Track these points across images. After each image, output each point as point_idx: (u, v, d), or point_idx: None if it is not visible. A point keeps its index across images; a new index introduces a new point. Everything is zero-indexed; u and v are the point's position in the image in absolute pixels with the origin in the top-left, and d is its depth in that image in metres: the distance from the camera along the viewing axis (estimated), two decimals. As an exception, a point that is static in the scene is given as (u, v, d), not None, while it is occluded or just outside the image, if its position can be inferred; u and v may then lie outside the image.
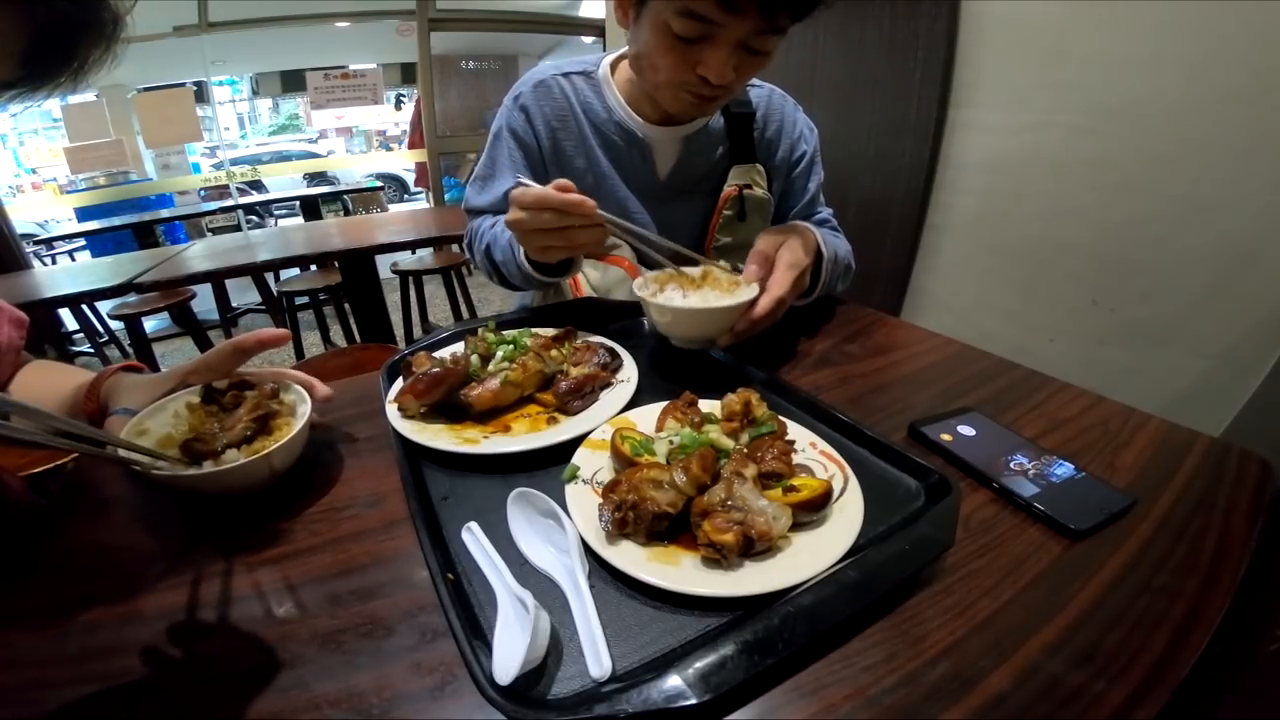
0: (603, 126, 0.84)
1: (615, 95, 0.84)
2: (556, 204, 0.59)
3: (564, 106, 0.85)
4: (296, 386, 0.55)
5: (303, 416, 0.50)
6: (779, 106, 0.90)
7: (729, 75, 0.65)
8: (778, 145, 0.90)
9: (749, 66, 0.68)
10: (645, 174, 0.86)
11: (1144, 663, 0.33)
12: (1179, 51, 1.03)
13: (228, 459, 0.46)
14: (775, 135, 0.89)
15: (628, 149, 0.85)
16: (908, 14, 1.43)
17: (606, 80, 0.85)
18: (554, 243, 0.62)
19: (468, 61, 5.53)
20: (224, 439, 0.48)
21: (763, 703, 0.31)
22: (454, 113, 5.44)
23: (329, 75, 4.02)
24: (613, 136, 0.84)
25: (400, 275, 2.84)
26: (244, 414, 0.50)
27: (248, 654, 0.35)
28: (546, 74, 0.85)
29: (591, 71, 0.86)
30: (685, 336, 0.66)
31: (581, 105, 0.84)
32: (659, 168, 0.87)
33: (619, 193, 0.86)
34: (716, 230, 0.88)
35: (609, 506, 0.40)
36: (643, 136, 0.84)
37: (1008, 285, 1.40)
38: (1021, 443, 0.52)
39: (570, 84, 0.85)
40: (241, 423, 0.50)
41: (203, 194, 4.67)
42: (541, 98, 0.84)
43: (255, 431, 0.50)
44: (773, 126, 0.89)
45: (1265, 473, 0.48)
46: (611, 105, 0.84)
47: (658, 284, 0.69)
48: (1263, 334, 1.01)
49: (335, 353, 1.66)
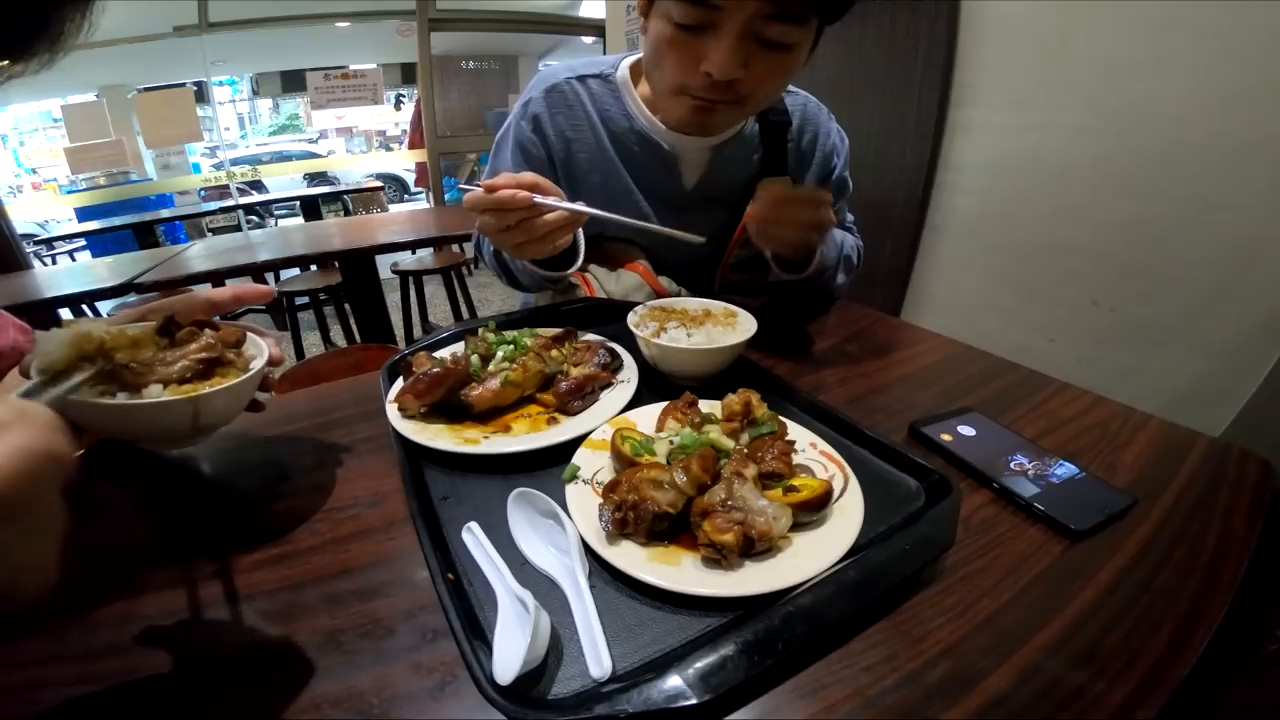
0: (623, 136, 0.78)
1: (636, 101, 0.77)
2: (488, 205, 0.57)
3: (579, 114, 0.78)
4: (261, 342, 0.49)
5: (251, 371, 0.44)
6: (814, 116, 0.85)
7: (734, 69, 0.59)
8: (812, 157, 0.85)
9: (766, 65, 0.61)
10: (669, 186, 0.80)
11: (1144, 663, 0.33)
12: (1180, 52, 1.03)
13: (149, 394, 0.39)
14: (810, 147, 0.85)
15: (649, 160, 0.78)
16: (908, 14, 1.43)
17: (626, 85, 0.78)
18: (518, 239, 0.60)
19: (468, 61, 5.52)
20: (158, 374, 0.41)
21: (763, 703, 0.31)
22: (454, 113, 5.44)
23: (329, 75, 4.02)
24: (634, 147, 0.78)
25: (400, 275, 2.84)
26: (192, 350, 0.43)
27: (248, 654, 0.35)
28: (559, 77, 0.79)
29: (609, 75, 0.79)
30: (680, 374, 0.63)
31: (599, 113, 0.78)
32: (685, 179, 0.81)
33: (640, 207, 0.81)
34: (737, 245, 0.83)
35: (609, 506, 0.40)
36: (669, 147, 0.77)
37: (1008, 285, 1.40)
38: (1022, 443, 0.52)
39: (586, 89, 0.78)
40: (185, 360, 0.42)
41: (203, 194, 4.67)
42: (554, 105, 0.78)
43: (197, 375, 0.42)
44: (808, 137, 0.84)
45: (1265, 473, 0.48)
46: (633, 113, 0.77)
47: (657, 321, 0.66)
48: (1263, 334, 1.01)
49: (335, 353, 1.66)
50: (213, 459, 0.57)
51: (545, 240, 0.60)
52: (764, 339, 0.66)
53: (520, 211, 0.58)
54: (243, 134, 7.17)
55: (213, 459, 0.57)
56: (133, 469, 0.55)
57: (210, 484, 0.54)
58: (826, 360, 0.69)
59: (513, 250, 0.63)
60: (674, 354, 0.60)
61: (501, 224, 0.59)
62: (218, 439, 0.59)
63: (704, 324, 0.65)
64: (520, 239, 0.60)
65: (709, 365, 0.62)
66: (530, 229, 0.59)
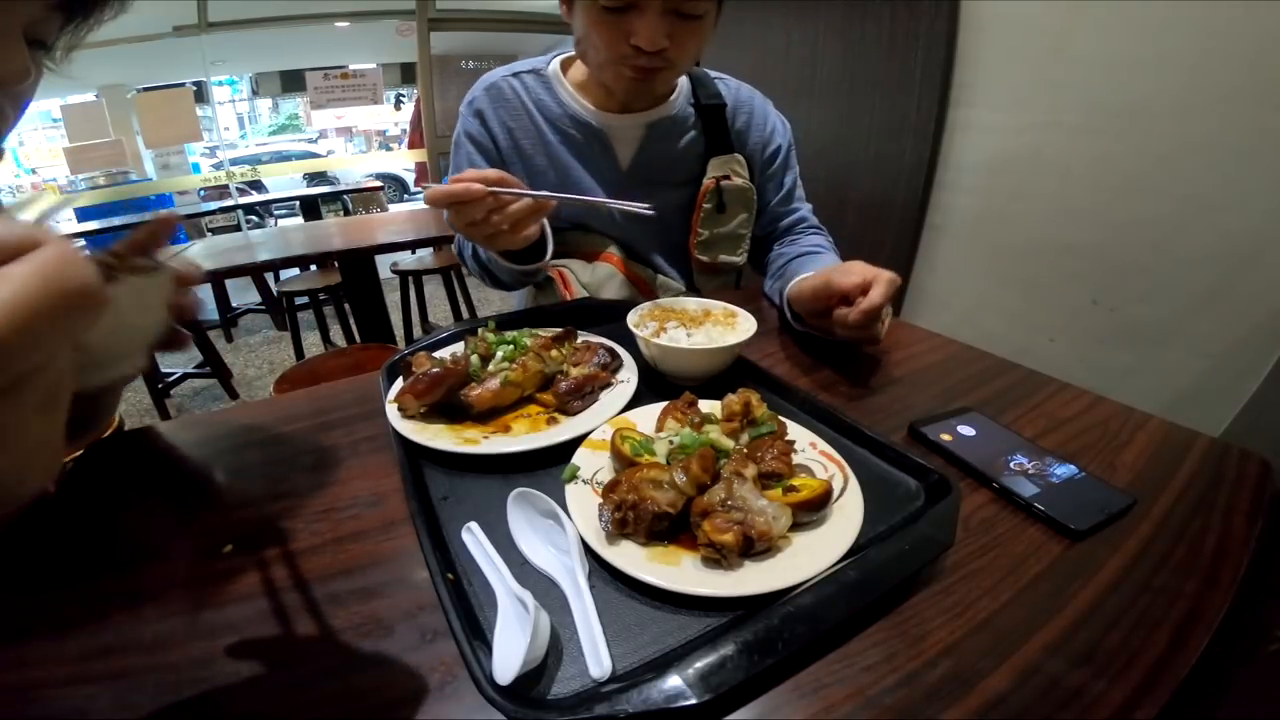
0: (557, 121, 0.85)
1: (567, 89, 0.85)
2: (444, 197, 0.61)
3: (517, 106, 0.86)
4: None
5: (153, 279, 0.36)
6: (748, 100, 0.92)
7: (659, 41, 0.68)
8: (748, 136, 0.91)
9: (684, 33, 0.70)
10: (607, 164, 0.87)
11: (1144, 663, 0.33)
12: (1180, 51, 1.03)
13: None
14: (745, 126, 0.91)
15: (586, 141, 0.85)
16: (908, 14, 1.43)
17: (557, 76, 0.86)
18: (487, 231, 0.64)
19: (467, 61, 5.51)
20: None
21: (763, 703, 0.31)
22: (454, 113, 5.40)
23: (329, 75, 4.02)
24: (569, 130, 0.85)
25: (400, 275, 2.84)
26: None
27: (248, 654, 0.35)
28: (497, 76, 0.87)
29: (540, 69, 0.87)
30: (680, 374, 0.63)
31: (534, 102, 0.86)
32: (620, 157, 0.87)
33: (583, 184, 0.86)
34: (699, 225, 0.88)
35: (609, 506, 0.40)
36: (599, 126, 0.85)
37: (1008, 285, 1.40)
38: (1021, 443, 0.52)
39: (521, 83, 0.86)
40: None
41: (202, 194, 4.66)
42: (494, 100, 0.86)
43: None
44: (742, 118, 0.91)
45: (1265, 473, 0.48)
46: (563, 99, 0.85)
47: (657, 321, 0.66)
48: (1263, 334, 1.01)
49: (335, 353, 1.66)
50: (213, 459, 0.57)
51: (514, 230, 0.64)
52: (764, 339, 0.66)
53: (484, 204, 0.61)
54: (242, 134, 7.17)
55: (213, 459, 0.57)
56: (131, 471, 0.55)
57: (210, 484, 0.54)
58: (826, 360, 0.69)
59: (484, 242, 0.67)
60: (674, 354, 0.60)
61: (467, 218, 0.63)
62: (218, 438, 0.60)
63: (704, 324, 0.65)
64: (488, 230, 0.63)
65: (709, 365, 0.62)
66: (496, 221, 0.63)
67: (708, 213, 0.87)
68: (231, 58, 4.66)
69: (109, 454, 0.57)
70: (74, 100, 4.00)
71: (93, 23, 0.37)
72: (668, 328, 0.64)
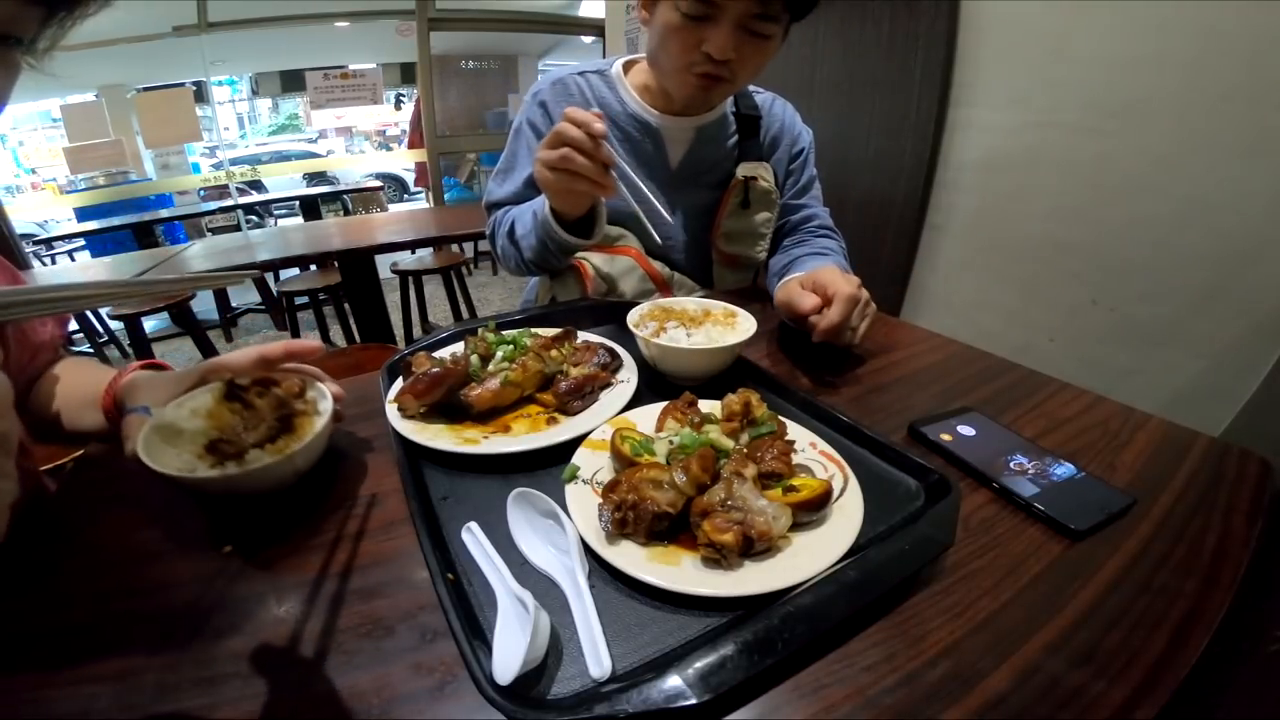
0: (617, 119, 0.90)
1: (629, 90, 0.91)
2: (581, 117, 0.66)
3: (580, 102, 0.90)
4: (319, 384, 0.55)
5: (325, 414, 0.50)
6: (780, 113, 0.99)
7: (728, 51, 0.73)
8: (780, 142, 0.97)
9: (749, 50, 0.75)
10: (658, 162, 0.92)
11: (1144, 663, 0.33)
12: (1179, 51, 1.03)
13: (252, 459, 0.44)
14: (778, 133, 0.97)
15: (642, 139, 0.91)
16: (908, 14, 1.43)
17: (619, 78, 0.92)
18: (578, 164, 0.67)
19: (467, 61, 5.53)
20: (250, 438, 0.46)
21: (763, 703, 0.31)
22: (454, 113, 5.44)
23: (329, 75, 4.02)
24: (627, 128, 0.90)
25: (400, 275, 2.84)
26: (268, 412, 0.49)
27: (248, 654, 0.35)
28: (564, 73, 0.93)
29: (605, 70, 0.93)
30: (680, 374, 0.64)
31: (597, 100, 0.91)
32: (671, 156, 0.92)
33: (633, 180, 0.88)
34: (724, 217, 0.92)
35: (609, 506, 0.40)
36: (656, 126, 0.90)
37: (1008, 284, 1.40)
38: (1021, 443, 0.52)
39: (585, 81, 0.92)
40: (266, 421, 0.48)
41: (202, 194, 4.66)
42: (559, 94, 0.91)
43: (278, 431, 0.49)
44: (775, 126, 0.97)
45: (1265, 473, 0.48)
46: (625, 99, 0.91)
47: (657, 321, 0.66)
48: (1263, 334, 1.01)
49: (335, 353, 1.66)
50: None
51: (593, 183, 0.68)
52: (764, 339, 0.66)
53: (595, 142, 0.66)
54: (242, 134, 7.17)
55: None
56: (131, 470, 0.55)
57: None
58: (826, 360, 0.69)
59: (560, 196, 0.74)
60: (674, 354, 0.60)
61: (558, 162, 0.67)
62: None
63: (703, 324, 0.65)
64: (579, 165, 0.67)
65: (709, 365, 0.62)
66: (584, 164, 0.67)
67: (734, 207, 0.91)
68: (231, 58, 4.66)
69: (109, 454, 0.57)
70: (74, 100, 4.00)
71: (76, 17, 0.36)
72: (667, 328, 0.64)
